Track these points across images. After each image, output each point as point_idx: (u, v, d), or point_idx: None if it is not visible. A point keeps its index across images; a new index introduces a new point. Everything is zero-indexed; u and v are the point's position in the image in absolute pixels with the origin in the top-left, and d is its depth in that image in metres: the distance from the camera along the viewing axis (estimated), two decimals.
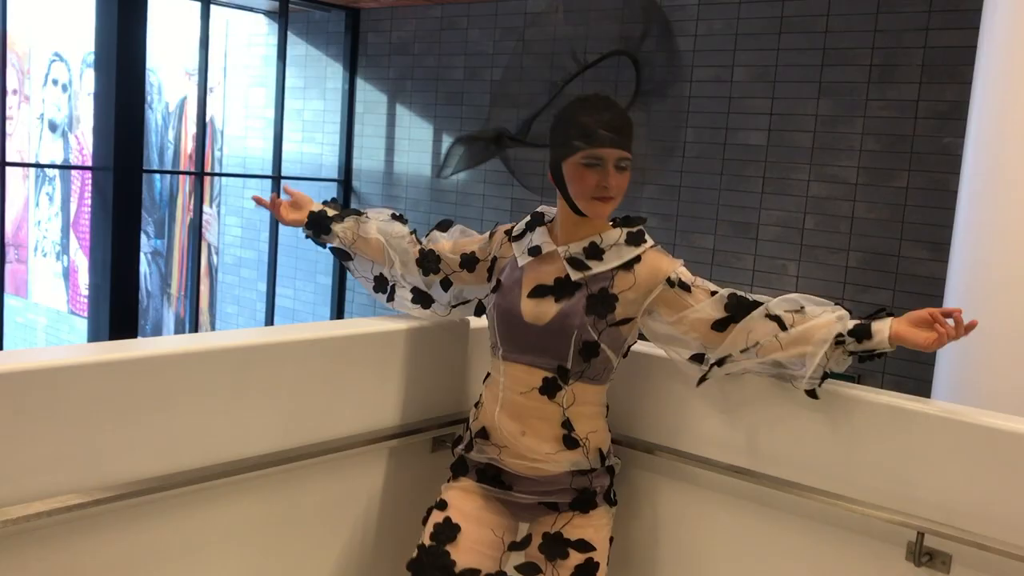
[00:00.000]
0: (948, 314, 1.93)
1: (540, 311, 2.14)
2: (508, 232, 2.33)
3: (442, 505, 2.22)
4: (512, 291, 2.19)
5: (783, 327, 2.05)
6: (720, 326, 2.11)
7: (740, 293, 2.13)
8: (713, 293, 2.13)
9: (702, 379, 2.21)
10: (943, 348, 1.98)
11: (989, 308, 3.53)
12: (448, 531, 2.15)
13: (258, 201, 2.53)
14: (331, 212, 2.48)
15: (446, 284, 2.43)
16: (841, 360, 2.05)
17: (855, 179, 5.98)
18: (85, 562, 1.96)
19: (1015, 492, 1.97)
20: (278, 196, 2.54)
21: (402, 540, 2.60)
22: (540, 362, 2.14)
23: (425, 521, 2.23)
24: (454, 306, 2.51)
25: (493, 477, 2.23)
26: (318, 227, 2.47)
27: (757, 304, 2.10)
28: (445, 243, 2.43)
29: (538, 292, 2.16)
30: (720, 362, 2.15)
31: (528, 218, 2.31)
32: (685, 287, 2.13)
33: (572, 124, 2.06)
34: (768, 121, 6.34)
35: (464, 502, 2.21)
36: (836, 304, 2.07)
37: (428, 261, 2.41)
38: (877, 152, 5.90)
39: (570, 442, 2.15)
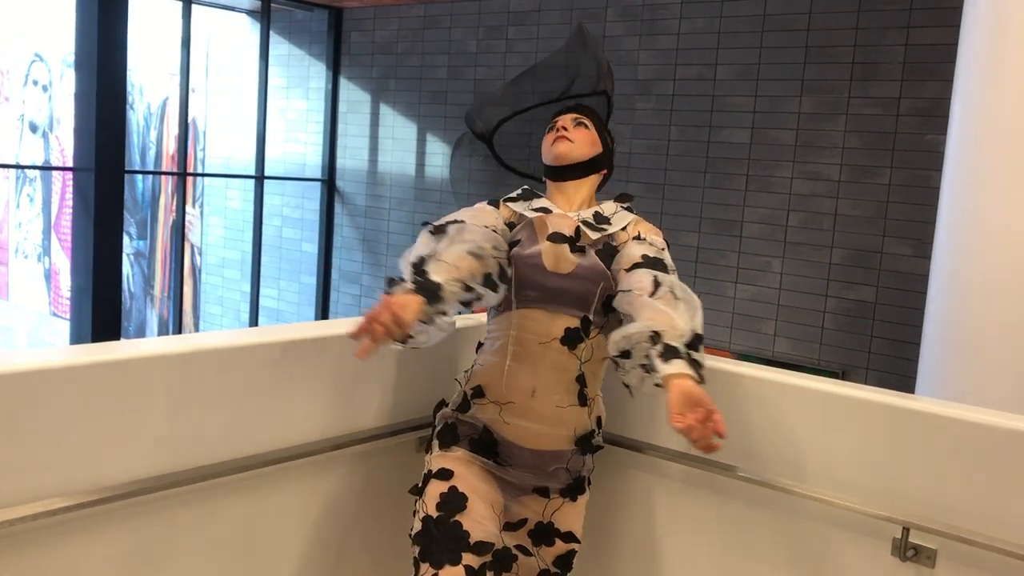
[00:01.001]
0: (709, 417, 1.75)
1: (560, 260, 2.18)
2: (505, 200, 2.41)
3: (444, 475, 2.14)
4: (530, 244, 2.21)
5: (652, 293, 1.99)
6: (632, 267, 2.11)
7: (667, 262, 2.11)
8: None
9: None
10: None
11: (971, 303, 3.55)
12: (457, 501, 2.09)
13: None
14: (413, 286, 1.98)
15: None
16: (635, 358, 1.95)
17: (838, 176, 6.01)
18: (74, 564, 1.95)
19: (1000, 487, 1.98)
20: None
21: (390, 539, 2.59)
22: (564, 310, 2.16)
23: (420, 491, 2.16)
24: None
25: (488, 448, 2.19)
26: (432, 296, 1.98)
27: (664, 271, 2.06)
28: (483, 231, 2.18)
29: (557, 238, 2.20)
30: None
31: (519, 191, 2.39)
32: (641, 239, 2.21)
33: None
34: (751, 119, 6.36)
35: (467, 473, 2.16)
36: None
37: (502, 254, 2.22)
38: (860, 149, 5.93)
39: (582, 398, 2.17)
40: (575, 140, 2.30)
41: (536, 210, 2.30)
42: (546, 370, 2.14)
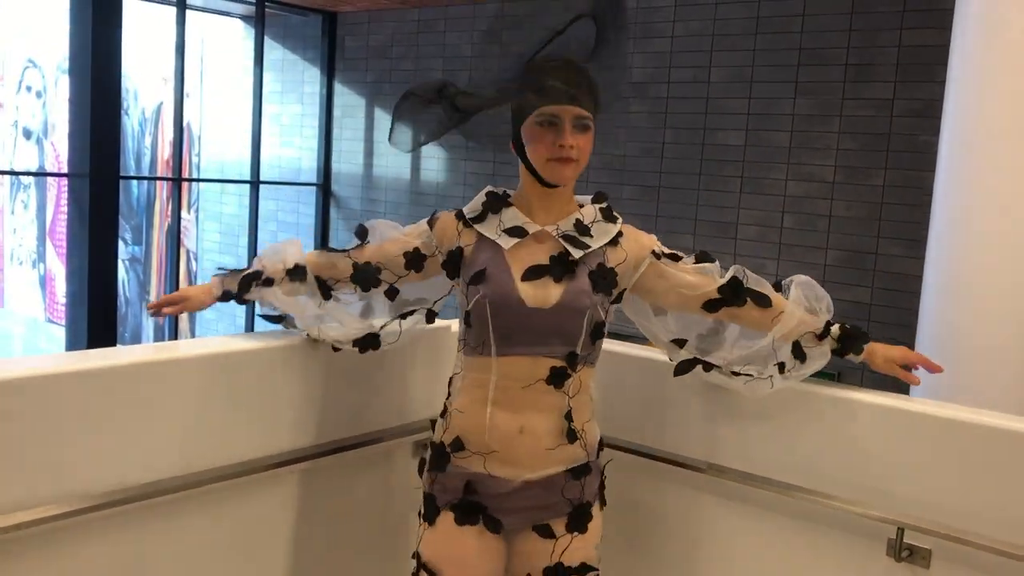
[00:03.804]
0: (921, 364, 2.18)
1: (542, 293, 1.97)
2: (460, 216, 2.10)
3: (431, 572, 2.00)
4: (502, 277, 1.98)
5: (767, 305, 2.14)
6: (712, 307, 2.10)
7: (739, 276, 2.13)
8: (697, 262, 2.14)
9: (681, 370, 2.20)
10: (922, 352, 2.05)
11: (964, 304, 3.56)
12: None
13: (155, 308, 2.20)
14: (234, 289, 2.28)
15: (391, 294, 2.23)
16: (820, 353, 2.16)
17: (832, 178, 6.02)
18: (68, 572, 1.94)
19: (994, 487, 1.98)
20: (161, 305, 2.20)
21: (384, 544, 2.59)
22: (547, 351, 1.97)
23: (417, 567, 2.04)
24: (403, 316, 2.29)
25: (473, 511, 2.01)
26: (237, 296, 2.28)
27: (751, 292, 2.12)
28: (377, 248, 2.21)
29: (534, 273, 1.98)
30: (703, 352, 2.20)
31: (483, 199, 2.09)
32: (673, 257, 2.11)
33: (527, 82, 1.95)
34: (745, 121, 6.37)
35: (454, 558, 2.00)
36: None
37: (366, 274, 2.19)
38: (854, 151, 5.94)
39: (571, 435, 2.00)
40: (580, 157, 1.95)
41: (509, 231, 2.02)
42: (531, 412, 1.98)
